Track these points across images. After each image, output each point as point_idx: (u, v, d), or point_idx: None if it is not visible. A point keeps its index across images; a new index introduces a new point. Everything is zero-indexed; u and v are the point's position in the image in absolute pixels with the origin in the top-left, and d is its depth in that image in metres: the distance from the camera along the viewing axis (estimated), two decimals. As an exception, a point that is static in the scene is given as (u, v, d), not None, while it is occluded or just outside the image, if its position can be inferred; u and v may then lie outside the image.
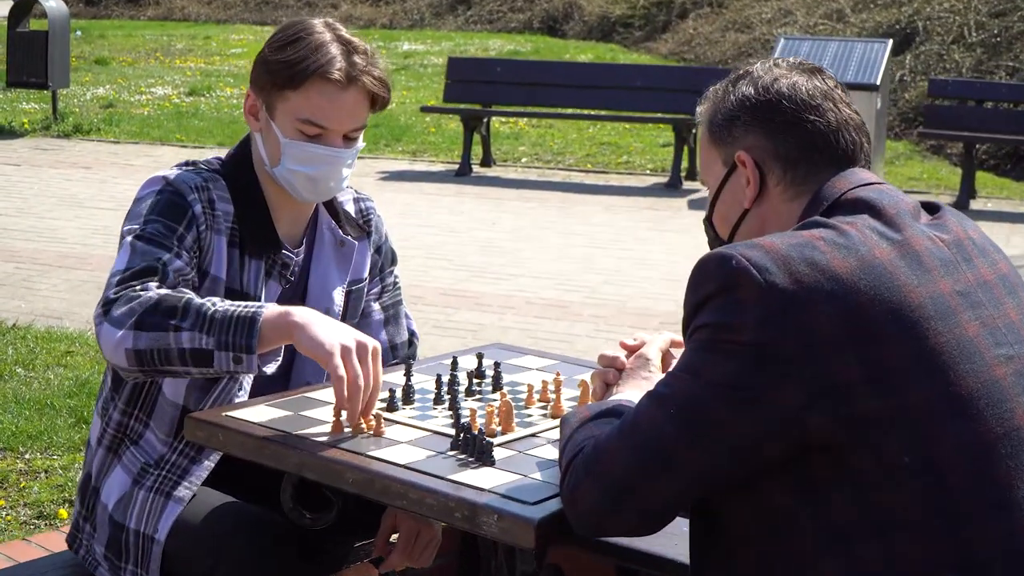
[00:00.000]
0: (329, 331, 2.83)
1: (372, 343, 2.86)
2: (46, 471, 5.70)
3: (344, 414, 2.82)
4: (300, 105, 3.21)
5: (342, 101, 3.22)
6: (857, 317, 2.23)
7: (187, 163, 3.35)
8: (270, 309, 2.89)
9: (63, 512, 5.24)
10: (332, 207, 3.48)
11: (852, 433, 2.22)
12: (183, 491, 3.17)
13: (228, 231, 3.26)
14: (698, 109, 2.72)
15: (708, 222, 2.69)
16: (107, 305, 2.97)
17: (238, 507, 3.15)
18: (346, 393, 2.78)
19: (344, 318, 3.46)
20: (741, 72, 2.66)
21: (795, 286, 2.24)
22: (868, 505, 2.23)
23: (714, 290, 2.30)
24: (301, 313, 2.88)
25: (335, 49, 3.21)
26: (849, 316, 2.23)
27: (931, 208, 2.53)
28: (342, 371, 2.77)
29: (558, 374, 3.07)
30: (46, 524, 5.20)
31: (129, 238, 3.13)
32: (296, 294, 3.40)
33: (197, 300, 2.92)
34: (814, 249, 2.29)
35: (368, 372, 2.82)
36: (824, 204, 2.46)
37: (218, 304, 2.91)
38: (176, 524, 3.13)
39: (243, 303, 2.92)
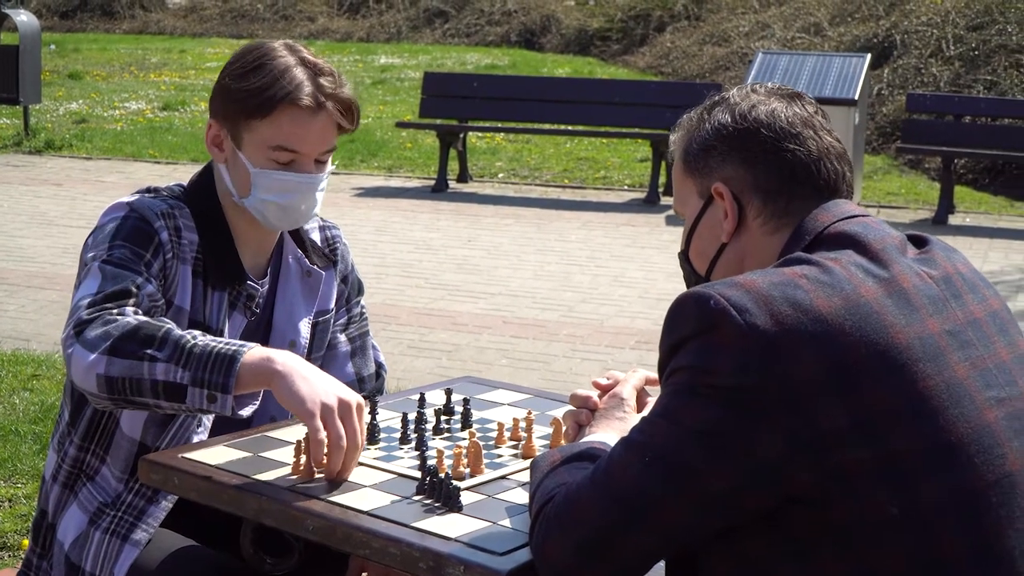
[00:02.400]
0: (311, 386, 2.69)
1: (355, 399, 2.72)
2: (9, 500, 5.57)
3: (304, 457, 2.70)
4: (270, 134, 3.08)
5: (312, 126, 3.10)
6: (842, 361, 2.12)
7: (148, 190, 3.22)
8: (253, 352, 2.74)
9: (26, 542, 5.10)
10: (298, 236, 3.36)
11: (837, 484, 2.11)
12: (140, 534, 3.05)
13: (193, 260, 3.13)
14: (671, 138, 2.62)
15: (684, 257, 2.57)
16: (80, 326, 2.82)
17: (195, 551, 3.03)
18: (325, 453, 2.66)
19: (310, 350, 3.34)
20: (717, 98, 2.55)
21: (777, 328, 2.13)
22: (854, 560, 2.12)
23: (691, 332, 2.19)
24: (284, 360, 2.73)
25: (301, 73, 3.09)
26: (834, 360, 2.12)
27: (918, 241, 2.42)
28: (323, 434, 2.64)
29: (530, 412, 2.95)
30: (9, 556, 5.08)
31: (96, 263, 2.98)
32: (261, 326, 3.28)
33: (177, 332, 2.77)
34: (797, 288, 2.17)
35: (352, 431, 2.68)
36: (806, 239, 2.35)
37: (199, 338, 2.76)
38: (133, 569, 3.01)
39: (226, 340, 2.78)
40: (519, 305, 9.36)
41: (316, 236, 3.42)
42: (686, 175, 2.53)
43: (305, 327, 3.33)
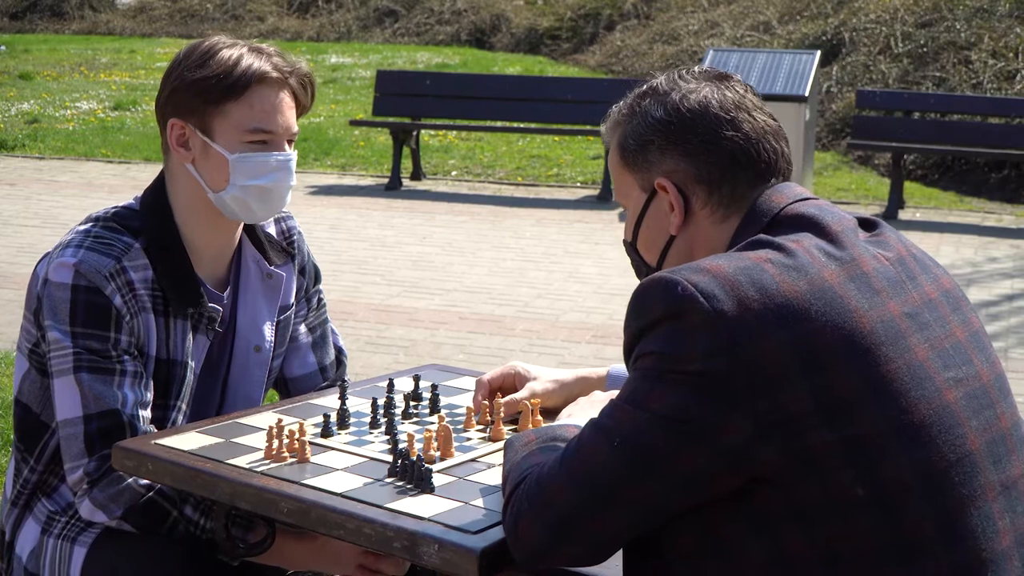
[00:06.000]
0: None
1: None
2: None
3: (276, 441, 2.75)
4: (244, 115, 3.10)
5: (281, 102, 3.14)
6: (808, 345, 2.17)
7: (93, 222, 3.15)
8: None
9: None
10: (256, 236, 3.34)
11: (803, 466, 2.15)
12: (88, 536, 3.09)
13: (152, 301, 3.11)
14: (602, 128, 2.62)
15: (632, 247, 2.60)
16: (91, 482, 2.97)
17: (153, 542, 3.03)
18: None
19: (274, 350, 3.36)
20: (644, 88, 2.55)
21: (744, 313, 2.17)
22: (819, 538, 2.17)
23: (659, 317, 2.22)
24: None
25: (255, 55, 3.13)
26: (800, 344, 2.16)
27: (868, 224, 2.47)
28: None
29: (499, 395, 3.00)
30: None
31: (70, 374, 2.99)
32: (225, 336, 3.30)
33: (183, 525, 2.97)
34: (763, 272, 2.21)
35: None
36: (763, 220, 2.38)
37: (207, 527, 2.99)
38: (88, 565, 3.05)
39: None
40: (475, 301, 9.40)
41: (272, 229, 3.42)
42: (624, 169, 2.54)
43: (268, 330, 3.34)
